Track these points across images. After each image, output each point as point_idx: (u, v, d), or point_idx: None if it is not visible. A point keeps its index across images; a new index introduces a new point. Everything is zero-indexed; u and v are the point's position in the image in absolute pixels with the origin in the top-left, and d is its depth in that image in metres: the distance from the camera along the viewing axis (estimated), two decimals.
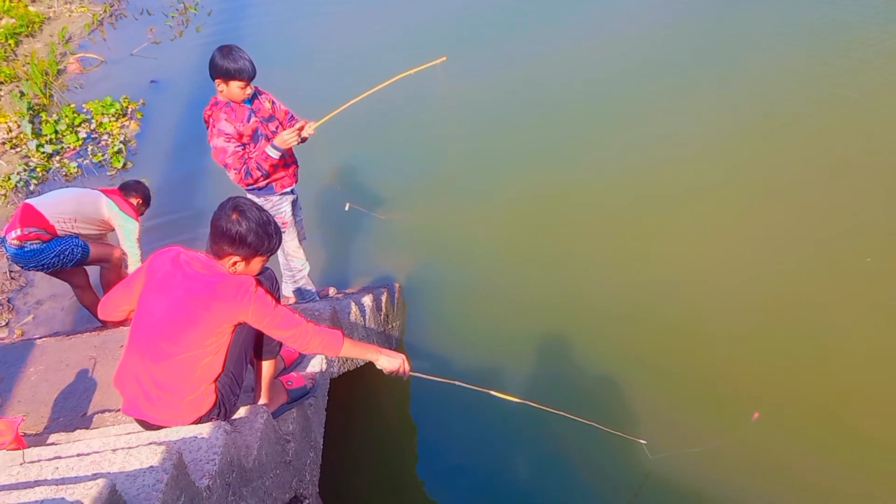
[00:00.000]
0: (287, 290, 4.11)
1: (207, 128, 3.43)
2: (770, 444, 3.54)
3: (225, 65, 3.25)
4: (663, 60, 6.45)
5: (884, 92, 5.60)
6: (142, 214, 4.24)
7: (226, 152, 3.35)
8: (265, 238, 2.35)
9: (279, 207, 3.71)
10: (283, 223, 3.73)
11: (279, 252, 3.88)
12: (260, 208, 2.39)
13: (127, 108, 6.93)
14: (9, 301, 4.94)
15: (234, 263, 2.36)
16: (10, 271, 5.15)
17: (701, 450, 3.49)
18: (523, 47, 6.99)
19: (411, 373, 2.64)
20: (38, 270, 3.97)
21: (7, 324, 4.76)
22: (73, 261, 3.86)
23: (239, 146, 3.39)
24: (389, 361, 2.55)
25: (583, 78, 6.39)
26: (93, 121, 6.77)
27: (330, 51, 7.48)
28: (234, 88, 3.31)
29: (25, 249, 3.77)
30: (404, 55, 7.26)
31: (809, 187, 4.89)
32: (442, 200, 5.37)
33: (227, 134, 3.35)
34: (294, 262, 4.00)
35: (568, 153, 5.62)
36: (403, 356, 2.58)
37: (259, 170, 3.43)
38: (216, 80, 3.32)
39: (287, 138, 3.38)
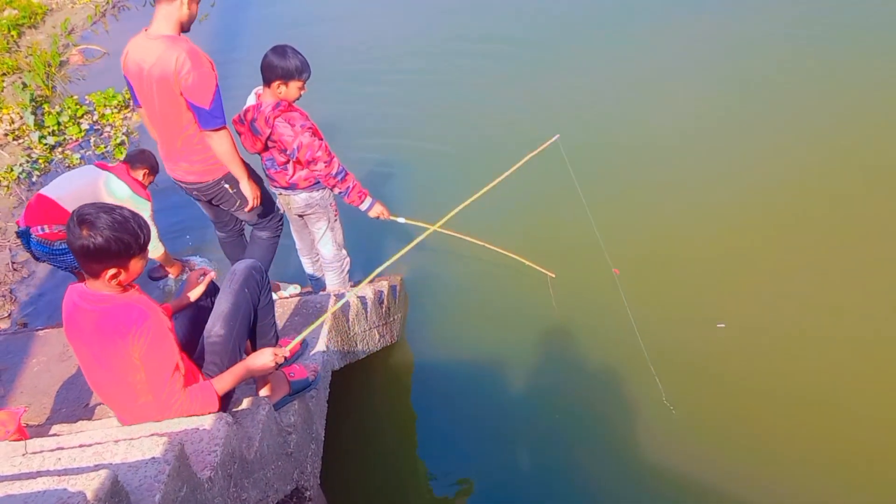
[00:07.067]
0: (333, 281, 4.06)
1: (269, 132, 3.31)
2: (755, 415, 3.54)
3: (286, 65, 3.16)
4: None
5: None
6: (150, 184, 4.13)
7: (315, 147, 3.31)
8: (129, 237, 2.10)
9: (331, 200, 3.72)
10: (335, 212, 3.77)
11: (331, 245, 3.87)
12: (109, 210, 2.09)
13: (129, 99, 6.92)
14: (11, 292, 4.95)
15: (112, 277, 2.12)
16: (13, 262, 5.16)
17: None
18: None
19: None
20: (57, 267, 3.94)
21: (9, 315, 4.77)
22: None
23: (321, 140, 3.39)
24: (261, 359, 2.47)
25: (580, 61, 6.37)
26: (95, 112, 6.77)
27: (338, 35, 7.44)
28: (294, 89, 3.25)
29: (54, 248, 3.74)
30: (408, 40, 7.24)
31: (805, 176, 4.87)
32: (444, 191, 5.34)
33: (310, 129, 3.33)
34: (343, 251, 4.00)
35: (565, 142, 5.58)
36: (270, 349, 2.50)
37: (353, 183, 3.50)
38: (275, 83, 3.21)
39: (375, 216, 3.67)
